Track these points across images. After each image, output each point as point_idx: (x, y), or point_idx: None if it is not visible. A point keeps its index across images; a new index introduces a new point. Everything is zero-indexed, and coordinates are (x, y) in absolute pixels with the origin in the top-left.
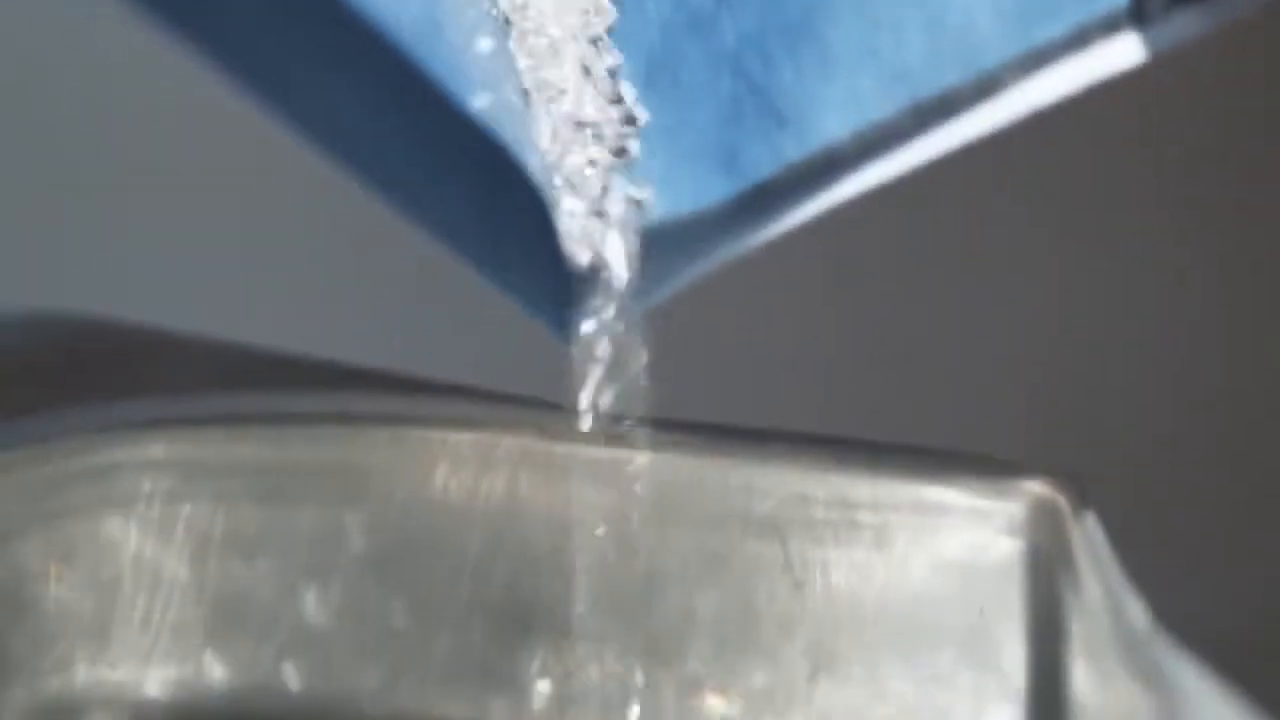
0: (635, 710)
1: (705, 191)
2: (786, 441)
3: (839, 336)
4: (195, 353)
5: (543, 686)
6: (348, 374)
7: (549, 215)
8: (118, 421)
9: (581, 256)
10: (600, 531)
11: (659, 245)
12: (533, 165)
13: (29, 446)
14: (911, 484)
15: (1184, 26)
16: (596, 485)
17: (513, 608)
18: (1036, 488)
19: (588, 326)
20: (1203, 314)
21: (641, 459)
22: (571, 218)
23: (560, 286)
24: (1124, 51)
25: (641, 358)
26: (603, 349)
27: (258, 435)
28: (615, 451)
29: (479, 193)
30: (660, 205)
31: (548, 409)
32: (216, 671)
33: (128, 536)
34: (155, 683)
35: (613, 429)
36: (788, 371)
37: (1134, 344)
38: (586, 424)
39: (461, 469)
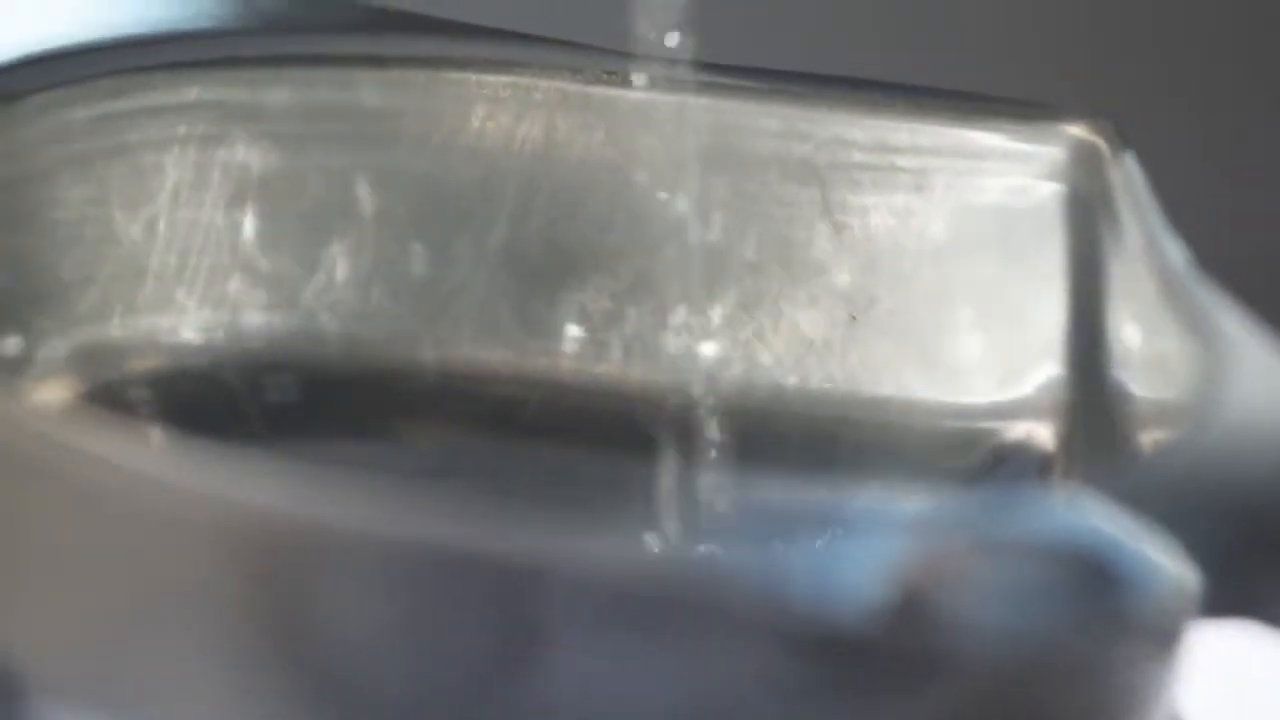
0: (672, 355)
1: None
2: (826, 85)
3: None
4: None
5: (579, 332)
6: (383, 15)
7: None
8: (153, 63)
9: None
10: (637, 176)
11: None
12: None
13: (65, 87)
14: (951, 128)
15: None
16: (633, 129)
17: (549, 253)
18: (1076, 130)
19: None
20: None
21: (679, 102)
22: None
23: None
24: None
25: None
26: None
27: (293, 78)
28: (653, 95)
29: None
30: None
31: (586, 51)
32: (252, 316)
33: (164, 180)
34: (191, 328)
35: (651, 72)
36: (828, 15)
37: None
38: (625, 67)
39: (498, 112)
